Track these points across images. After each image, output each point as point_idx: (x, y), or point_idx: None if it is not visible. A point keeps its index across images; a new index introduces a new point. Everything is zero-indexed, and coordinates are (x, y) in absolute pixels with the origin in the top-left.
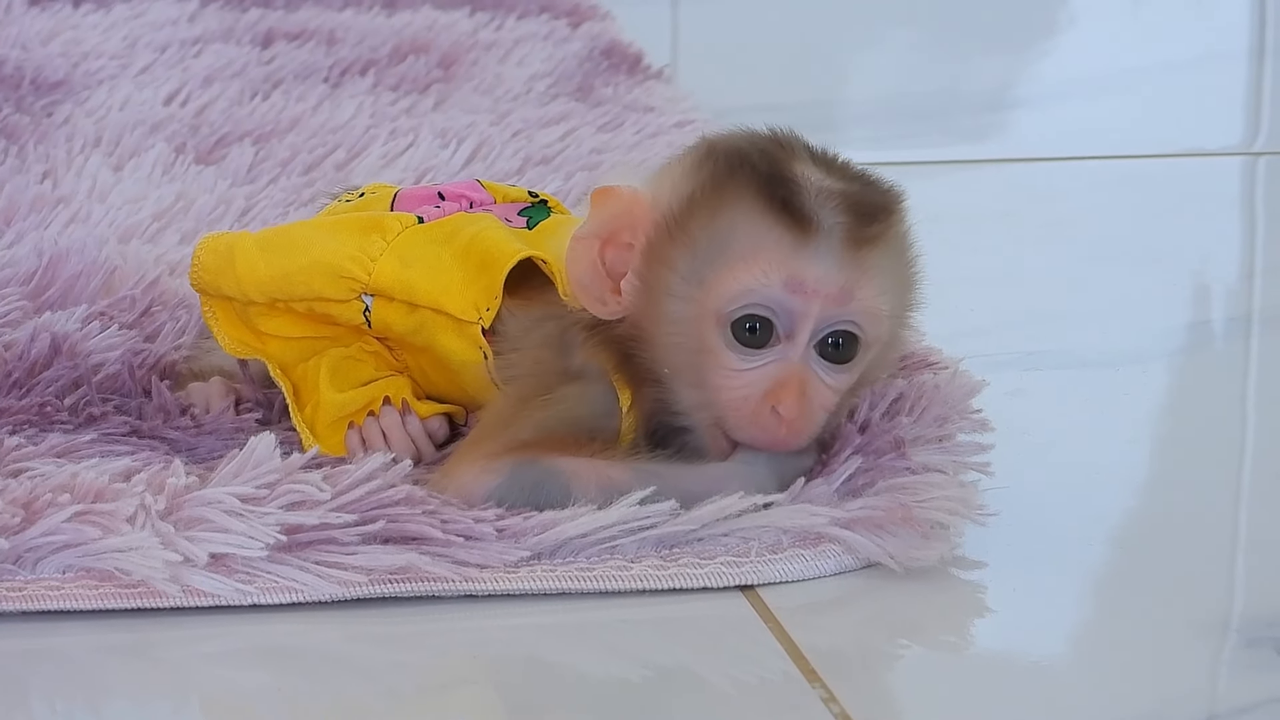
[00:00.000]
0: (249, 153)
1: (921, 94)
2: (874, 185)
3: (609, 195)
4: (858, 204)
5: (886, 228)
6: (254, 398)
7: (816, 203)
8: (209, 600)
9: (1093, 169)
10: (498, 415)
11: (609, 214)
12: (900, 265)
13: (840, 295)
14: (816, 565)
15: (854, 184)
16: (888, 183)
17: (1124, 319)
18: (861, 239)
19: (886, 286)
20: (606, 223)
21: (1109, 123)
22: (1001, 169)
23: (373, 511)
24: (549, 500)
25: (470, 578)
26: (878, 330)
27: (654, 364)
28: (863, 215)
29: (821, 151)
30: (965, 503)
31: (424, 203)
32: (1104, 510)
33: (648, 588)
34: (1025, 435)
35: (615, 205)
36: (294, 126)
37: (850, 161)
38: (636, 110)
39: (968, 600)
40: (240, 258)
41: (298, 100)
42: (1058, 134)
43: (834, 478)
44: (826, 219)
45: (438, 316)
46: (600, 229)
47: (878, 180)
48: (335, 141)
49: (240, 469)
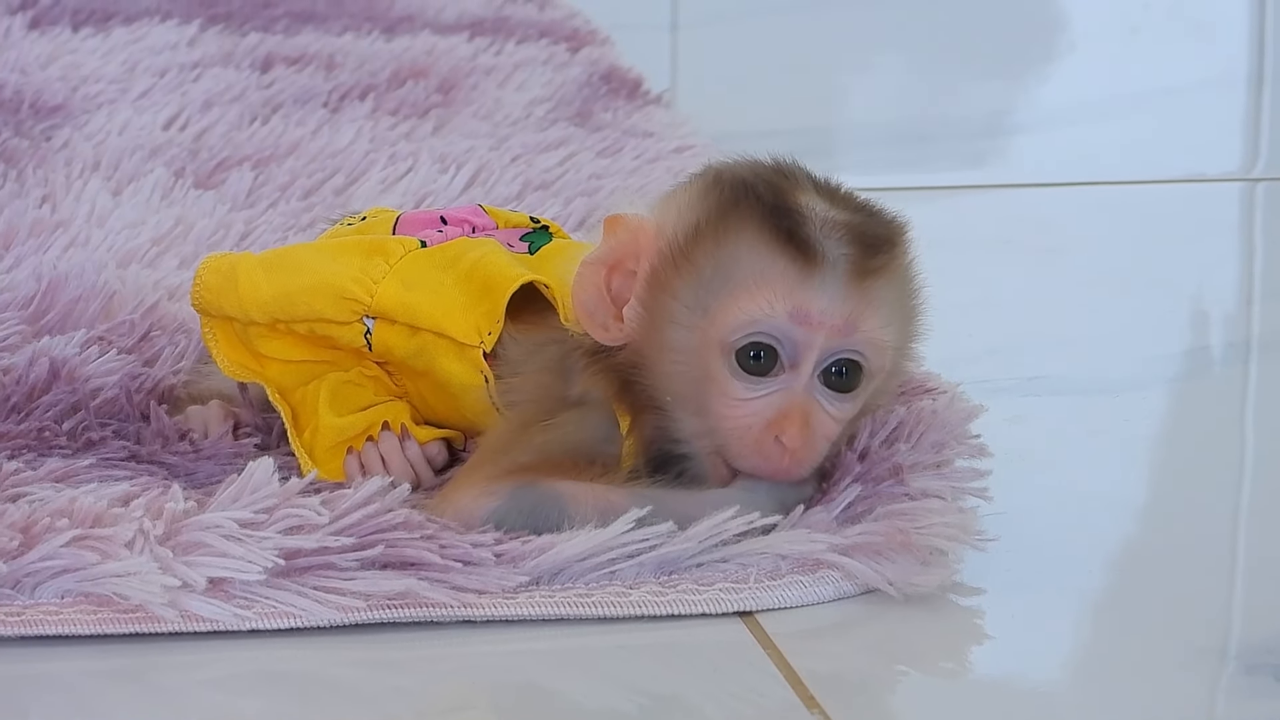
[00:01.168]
0: (248, 177)
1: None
2: (878, 216)
3: (620, 223)
4: (862, 235)
5: (891, 259)
6: (253, 422)
7: (821, 234)
8: (207, 625)
9: (1091, 195)
10: (497, 440)
11: (618, 241)
12: (904, 296)
13: (845, 326)
14: (815, 591)
15: (858, 215)
16: (892, 213)
17: (1122, 345)
18: (866, 270)
19: (891, 317)
20: (614, 249)
21: (1107, 148)
22: (999, 195)
23: (371, 536)
24: (547, 523)
25: (468, 603)
26: (881, 360)
27: (655, 391)
28: (867, 246)
29: (825, 181)
30: (964, 528)
31: (426, 227)
32: (1102, 536)
33: (646, 613)
34: (1023, 461)
35: (623, 233)
36: (293, 151)
37: (854, 192)
38: (636, 135)
39: (966, 626)
40: (244, 277)
41: (297, 125)
42: (1055, 160)
43: (833, 505)
44: (832, 250)
45: (439, 340)
46: (608, 256)
47: (882, 211)
48: (334, 166)
49: (239, 494)
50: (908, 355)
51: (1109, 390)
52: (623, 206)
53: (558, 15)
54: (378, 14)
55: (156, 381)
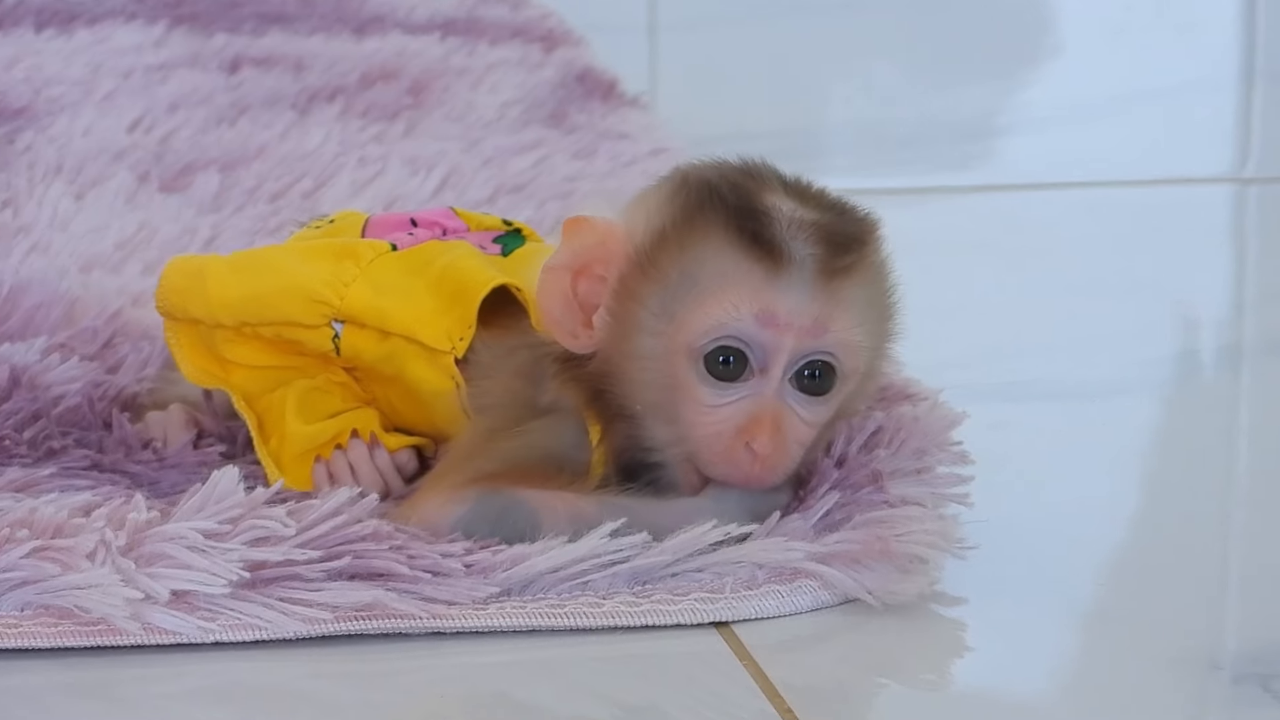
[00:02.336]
0: (214, 181)
1: (903, 121)
2: (848, 214)
3: (582, 225)
4: (830, 234)
5: (860, 258)
6: (217, 430)
7: (788, 234)
8: (171, 638)
9: (1078, 197)
10: (465, 446)
11: (581, 245)
12: (877, 295)
13: (814, 327)
14: (793, 601)
15: (827, 214)
16: (863, 211)
17: (1109, 349)
18: (834, 269)
19: (862, 317)
20: (579, 254)
21: (1094, 150)
22: (984, 197)
23: (339, 547)
24: (516, 531)
25: (438, 615)
26: (854, 362)
27: (626, 400)
28: (836, 245)
29: (795, 181)
30: (945, 536)
31: (396, 230)
32: (1088, 544)
33: (620, 625)
34: (1006, 467)
35: (588, 236)
36: (260, 154)
37: (826, 190)
38: (611, 138)
39: (948, 637)
40: (212, 278)
41: (264, 127)
42: (1042, 161)
43: (810, 513)
44: (798, 250)
45: (409, 345)
46: (572, 260)
47: (853, 209)
48: (302, 169)
49: (203, 504)
50: (883, 356)
51: (1094, 395)
52: (586, 209)
53: (532, 15)
54: (347, 14)
55: (119, 389)
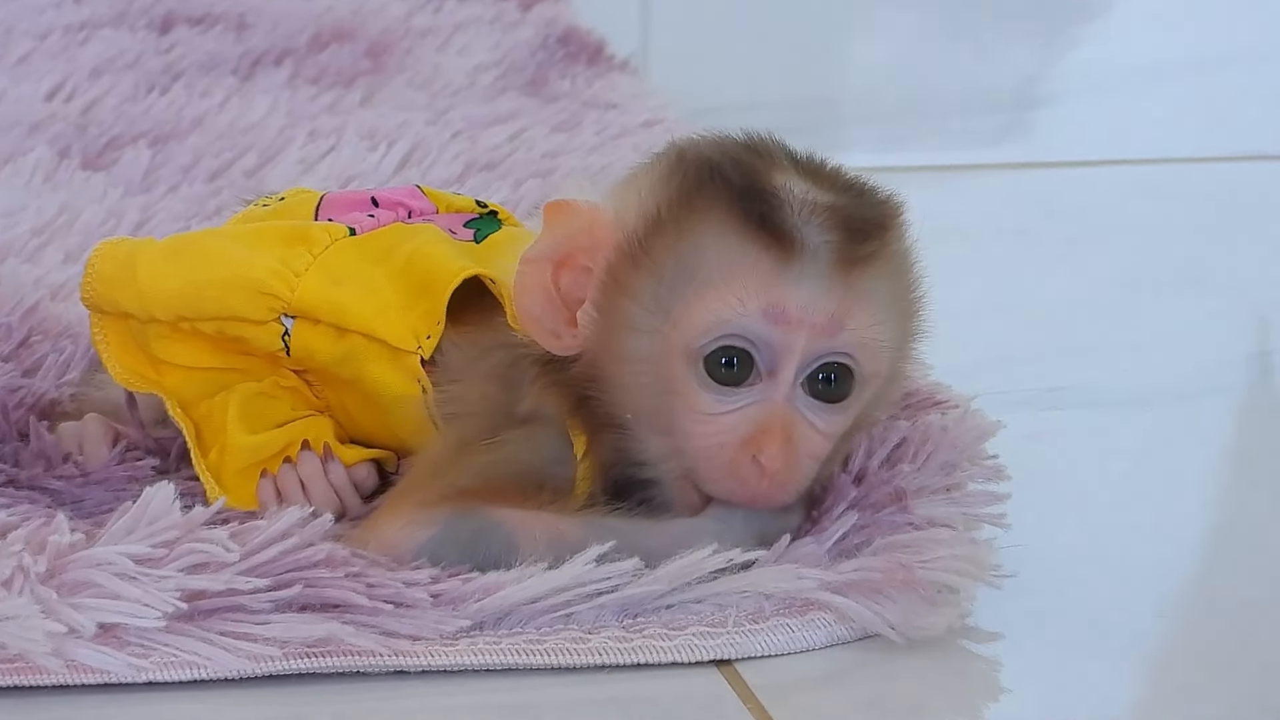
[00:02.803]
0: (144, 157)
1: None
2: (868, 196)
3: (564, 210)
4: (848, 219)
5: (882, 245)
6: (143, 443)
7: (800, 218)
8: (97, 677)
9: (1132, 175)
10: (433, 460)
11: (564, 232)
12: (899, 288)
13: (829, 325)
14: (804, 637)
15: (844, 195)
16: (885, 193)
17: (1168, 350)
18: (853, 259)
19: (883, 314)
20: (561, 243)
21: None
22: (1021, 176)
23: (288, 575)
24: (490, 557)
25: (401, 651)
26: (875, 364)
27: (614, 407)
28: (854, 231)
29: (807, 158)
30: (977, 563)
31: (354, 210)
32: (1141, 572)
33: (608, 662)
34: (1047, 485)
35: (572, 222)
36: (197, 126)
37: (842, 169)
38: (597, 107)
39: (980, 678)
40: (144, 266)
41: (201, 96)
42: (1090, 135)
43: (825, 536)
44: (812, 237)
45: (370, 344)
46: (554, 250)
47: (873, 190)
48: (245, 144)
49: (134, 525)
50: (907, 358)
51: (1147, 403)
52: (569, 191)
53: None
54: None
55: (38, 395)
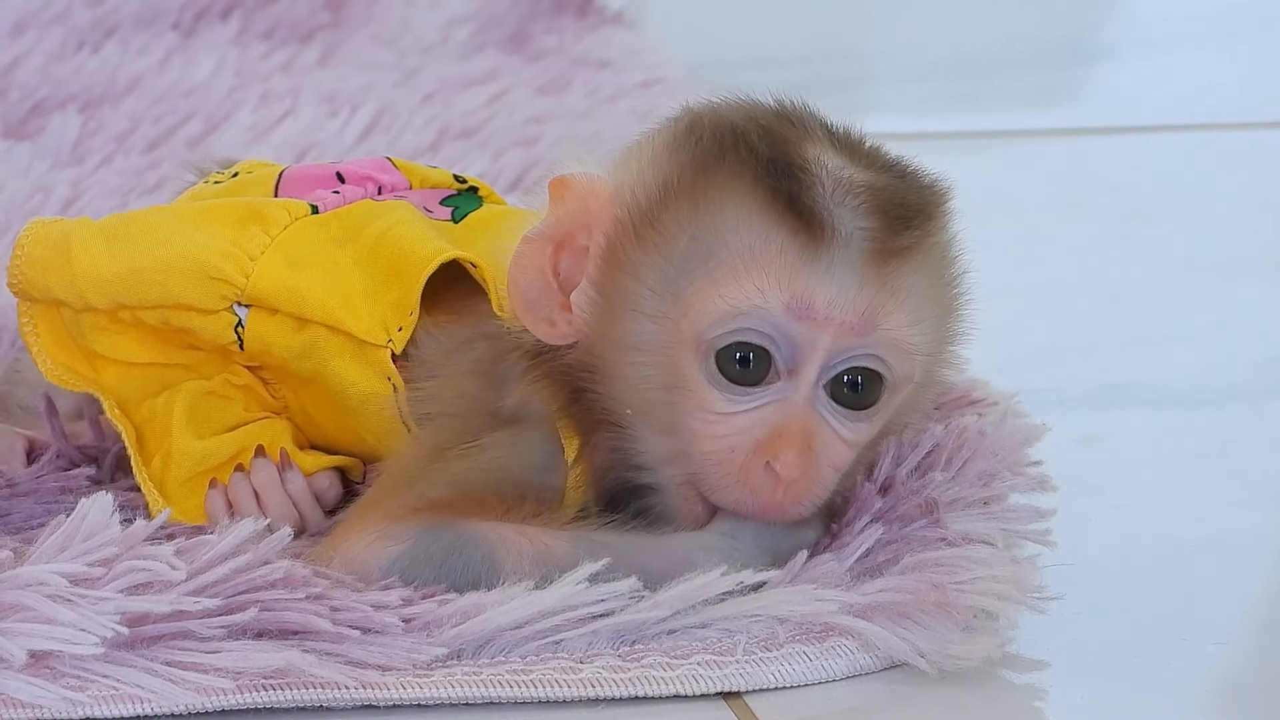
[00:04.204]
0: (74, 124)
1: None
2: (910, 179)
3: (565, 186)
4: (888, 203)
5: (924, 236)
6: (67, 453)
7: (833, 200)
8: (29, 713)
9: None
10: (405, 466)
11: (566, 210)
12: (940, 285)
13: (860, 324)
14: (823, 666)
15: (884, 176)
16: (928, 175)
17: (1234, 342)
18: (891, 250)
19: (922, 313)
20: (561, 221)
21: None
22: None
23: (241, 596)
24: (468, 576)
25: (369, 683)
26: (908, 369)
27: (612, 403)
28: (894, 218)
29: (844, 131)
30: (1019, 584)
31: (318, 185)
32: (1200, 595)
33: (603, 695)
34: (1098, 496)
35: (571, 198)
36: (134, 89)
37: (881, 147)
38: (588, 65)
39: (1023, 711)
40: (79, 248)
41: (138, 54)
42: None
43: (846, 553)
44: (846, 222)
45: (334, 336)
46: (554, 229)
47: (916, 172)
48: (188, 108)
49: (67, 541)
50: (944, 363)
51: (1212, 402)
52: (573, 163)
53: None
54: None
55: None
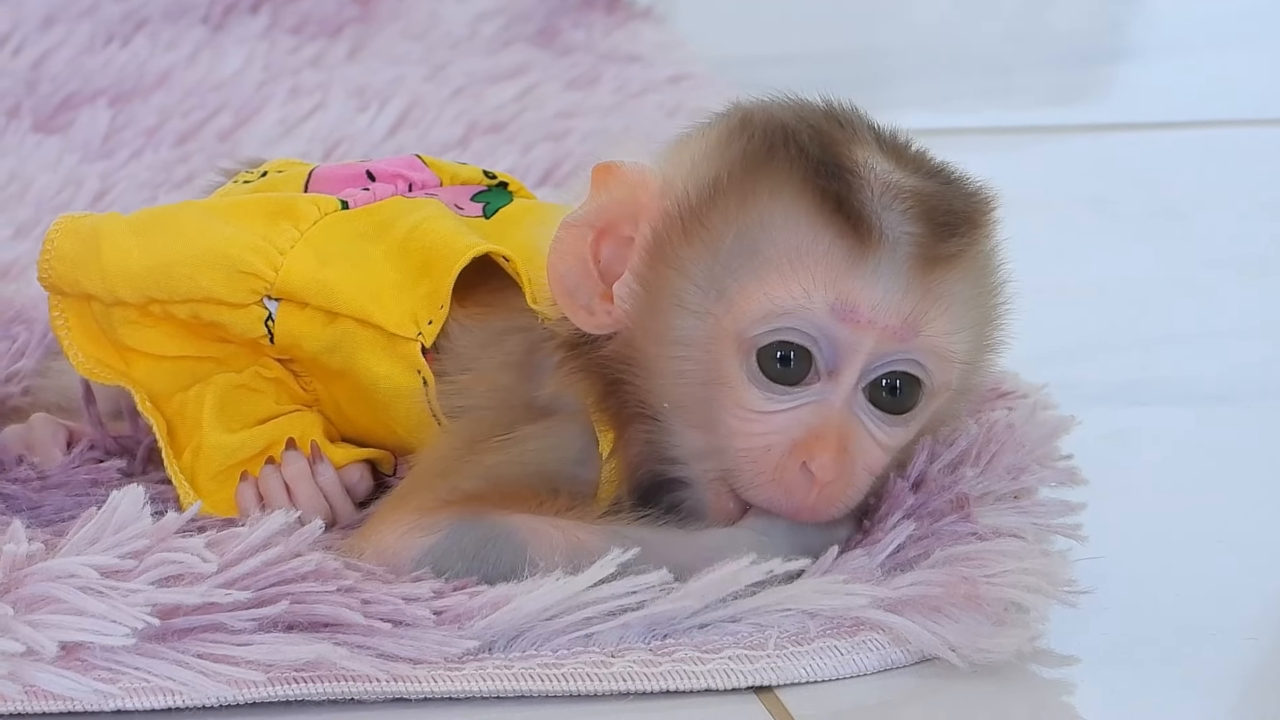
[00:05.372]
0: (103, 117)
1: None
2: (958, 186)
3: (612, 173)
4: (935, 209)
5: (970, 243)
6: (102, 443)
7: (881, 203)
8: (59, 704)
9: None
10: (437, 459)
11: (610, 198)
12: (982, 294)
13: (903, 329)
14: (854, 660)
15: (932, 182)
16: (975, 182)
17: (1262, 338)
18: (937, 257)
19: (963, 321)
20: (606, 208)
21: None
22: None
23: (272, 589)
24: (500, 569)
25: (400, 676)
26: (946, 375)
27: (649, 397)
28: (940, 225)
29: (892, 135)
30: (1049, 578)
31: (348, 184)
32: (1231, 590)
33: (633, 689)
34: (1128, 490)
35: (617, 187)
36: (163, 83)
37: (927, 151)
38: (617, 60)
39: (1053, 706)
40: (108, 244)
41: (167, 48)
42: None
43: (878, 548)
44: (892, 226)
45: (363, 329)
46: (597, 216)
47: (963, 179)
48: (218, 102)
49: (99, 533)
50: (981, 370)
51: (1242, 398)
52: (614, 153)
53: None
54: None
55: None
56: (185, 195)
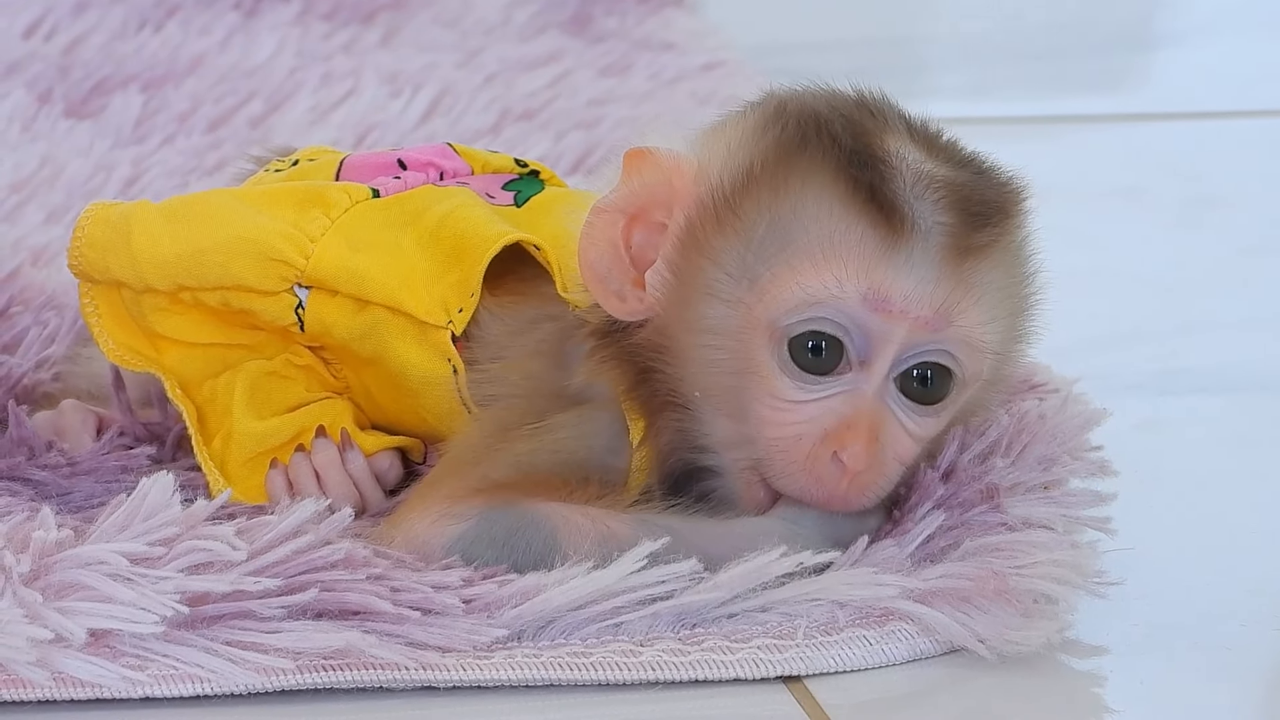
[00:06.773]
0: (136, 103)
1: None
2: (989, 176)
3: (645, 158)
4: (968, 200)
5: (1002, 234)
6: (131, 429)
7: (913, 193)
8: (88, 691)
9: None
10: (467, 447)
11: (642, 183)
12: (1014, 284)
13: (935, 319)
14: (883, 651)
15: (964, 172)
16: (1007, 173)
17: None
18: (969, 247)
19: (995, 311)
20: (638, 194)
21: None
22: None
23: (301, 577)
24: (530, 557)
25: (429, 664)
26: (978, 366)
27: (680, 385)
28: (973, 215)
29: (923, 125)
30: (1079, 569)
31: (379, 173)
32: (1263, 581)
33: (663, 679)
34: (1159, 481)
35: (651, 173)
36: (195, 69)
37: (958, 141)
38: (650, 48)
39: (1082, 697)
40: (139, 230)
41: (200, 33)
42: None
43: (908, 538)
44: (925, 216)
45: (394, 317)
46: (629, 201)
47: (994, 169)
48: (250, 88)
49: (128, 520)
50: (1012, 361)
51: (1272, 387)
52: (647, 139)
53: None
54: None
55: (19, 374)
56: (216, 182)
